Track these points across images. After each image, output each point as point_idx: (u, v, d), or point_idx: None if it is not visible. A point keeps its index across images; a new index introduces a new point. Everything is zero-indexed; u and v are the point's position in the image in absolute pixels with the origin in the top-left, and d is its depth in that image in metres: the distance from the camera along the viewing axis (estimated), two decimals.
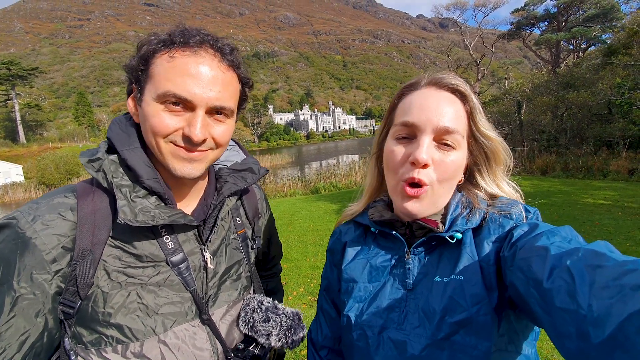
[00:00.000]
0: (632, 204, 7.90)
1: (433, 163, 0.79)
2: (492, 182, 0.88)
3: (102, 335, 0.77)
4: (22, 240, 0.72)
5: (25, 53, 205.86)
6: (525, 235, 0.70)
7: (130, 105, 0.86)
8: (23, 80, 64.49)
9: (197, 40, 0.79)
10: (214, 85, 0.79)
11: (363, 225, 0.99)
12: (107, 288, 0.77)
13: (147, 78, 0.79)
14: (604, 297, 0.47)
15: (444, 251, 0.82)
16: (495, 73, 34.52)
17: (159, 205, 0.82)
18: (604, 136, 14.33)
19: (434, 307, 0.76)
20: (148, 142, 0.82)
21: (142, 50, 0.80)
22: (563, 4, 27.15)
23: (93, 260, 0.76)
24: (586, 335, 0.47)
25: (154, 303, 0.81)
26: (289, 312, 0.98)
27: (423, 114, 0.79)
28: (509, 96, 21.00)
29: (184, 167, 0.81)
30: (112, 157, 0.82)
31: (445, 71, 0.87)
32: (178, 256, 0.85)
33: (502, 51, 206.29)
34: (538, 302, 0.58)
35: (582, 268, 0.53)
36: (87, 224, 0.77)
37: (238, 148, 1.12)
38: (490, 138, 0.84)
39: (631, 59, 14.13)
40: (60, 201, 0.77)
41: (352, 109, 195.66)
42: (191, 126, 0.78)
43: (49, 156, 32.93)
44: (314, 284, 4.98)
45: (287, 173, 22.65)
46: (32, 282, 0.71)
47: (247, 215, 1.10)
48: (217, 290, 0.93)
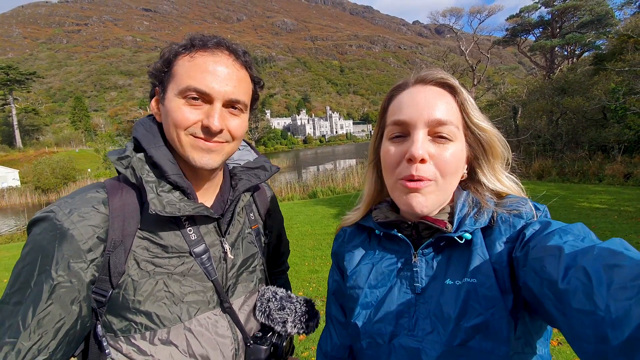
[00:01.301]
0: (628, 208, 7.96)
1: (431, 157, 0.76)
2: (492, 176, 0.85)
3: (132, 323, 0.82)
4: (60, 231, 0.76)
5: (23, 58, 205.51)
6: (537, 234, 0.68)
7: (153, 106, 0.94)
8: (20, 84, 64.20)
9: (214, 42, 0.88)
10: (230, 80, 0.87)
11: (367, 228, 0.96)
12: (137, 277, 0.82)
13: (170, 78, 0.87)
14: (622, 298, 0.46)
15: (452, 253, 0.79)
16: (490, 79, 34.82)
17: (182, 199, 0.87)
18: (599, 141, 14.44)
19: (447, 312, 0.73)
20: (169, 136, 0.88)
21: (164, 56, 0.89)
22: (557, 10, 27.52)
23: (124, 251, 0.81)
24: (604, 338, 0.46)
25: (179, 292, 0.86)
26: (302, 300, 1.03)
27: (413, 110, 0.78)
28: (505, 101, 21.18)
29: (203, 158, 0.87)
30: (139, 155, 0.88)
31: (431, 67, 0.86)
32: (200, 247, 0.91)
33: (498, 57, 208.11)
34: (553, 303, 0.57)
35: (599, 268, 0.51)
36: (117, 217, 0.82)
37: (250, 148, 1.18)
38: (484, 129, 0.83)
39: (625, 65, 14.30)
40: (92, 196, 0.83)
41: (349, 114, 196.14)
42: (210, 117, 0.85)
43: (45, 161, 32.73)
44: (312, 288, 4.97)
45: (285, 177, 22.64)
46: (70, 270, 0.75)
47: (259, 211, 1.17)
48: (235, 281, 0.99)
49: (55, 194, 29.88)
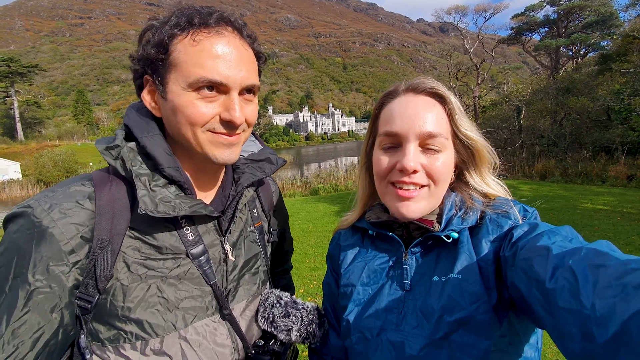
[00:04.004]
0: (631, 210, 7.92)
1: (423, 168, 0.80)
2: (479, 179, 0.89)
3: (121, 331, 0.73)
4: (38, 230, 0.67)
5: (25, 50, 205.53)
6: (525, 235, 0.70)
7: (147, 100, 0.81)
8: (22, 77, 64.21)
9: (215, 19, 0.76)
10: (243, 64, 0.77)
11: (361, 229, 0.99)
12: (127, 281, 0.74)
13: (170, 67, 0.75)
14: (607, 297, 0.47)
15: (441, 251, 0.82)
16: (494, 78, 34.63)
17: (179, 195, 0.78)
18: (603, 142, 14.36)
19: (432, 307, 0.76)
20: (181, 133, 0.78)
21: (155, 38, 0.75)
22: (563, 10, 27.33)
23: (112, 252, 0.72)
24: (590, 335, 0.47)
25: (175, 297, 0.78)
26: (309, 307, 0.96)
27: (405, 122, 0.80)
28: (509, 101, 21.07)
29: (224, 153, 0.80)
30: (130, 145, 0.78)
31: (421, 76, 0.88)
32: (198, 248, 0.82)
33: (502, 56, 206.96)
34: (540, 302, 0.57)
35: (585, 267, 0.52)
36: (105, 214, 0.73)
37: (254, 138, 1.07)
38: (471, 138, 0.85)
39: (630, 66, 14.20)
40: (77, 189, 0.73)
41: (351, 112, 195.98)
42: (231, 110, 0.76)
43: (47, 154, 32.79)
44: (313, 285, 4.98)
45: (287, 174, 22.62)
46: (49, 274, 0.67)
47: (263, 207, 1.07)
48: (236, 284, 0.90)
49: None
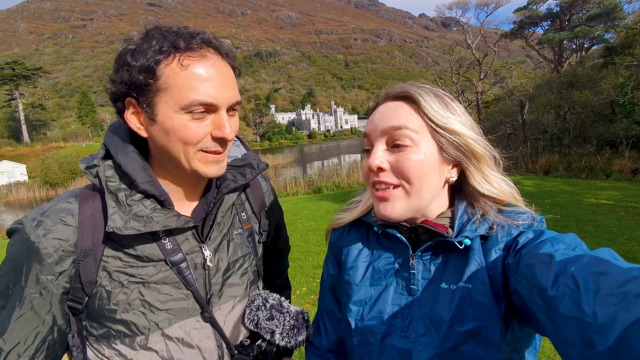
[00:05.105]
0: (636, 204, 7.86)
1: (390, 165, 0.79)
2: (481, 178, 0.82)
3: (110, 330, 0.81)
4: (27, 245, 0.76)
5: (28, 53, 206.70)
6: (529, 242, 0.70)
7: (132, 121, 0.83)
8: (27, 80, 64.58)
9: (198, 42, 0.80)
10: (229, 83, 0.83)
11: (366, 223, 0.97)
12: (110, 287, 0.80)
13: (159, 91, 0.78)
14: (608, 305, 0.47)
15: (450, 257, 0.80)
16: (497, 72, 34.38)
17: (155, 208, 0.83)
18: (607, 136, 14.24)
19: (441, 315, 0.74)
20: (172, 152, 0.82)
21: (138, 62, 0.77)
22: (566, 3, 27.03)
23: (95, 260, 0.79)
24: (591, 343, 0.47)
25: (157, 300, 0.83)
26: (293, 312, 0.96)
27: (372, 123, 0.84)
28: (512, 95, 20.93)
29: (213, 169, 0.85)
30: (108, 163, 0.84)
31: (398, 82, 0.88)
32: (177, 256, 0.86)
33: (505, 50, 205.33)
34: (542, 309, 0.57)
35: (587, 275, 0.52)
36: (87, 227, 0.80)
37: (239, 143, 1.12)
38: (456, 132, 0.78)
39: (634, 59, 14.06)
40: (62, 207, 0.81)
41: (354, 109, 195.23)
42: (221, 128, 0.82)
43: (52, 155, 33.07)
44: (316, 283, 4.97)
45: (290, 172, 22.65)
46: (38, 282, 0.76)
47: (252, 209, 1.10)
48: (221, 287, 0.94)
49: (63, 188, 30.26)
